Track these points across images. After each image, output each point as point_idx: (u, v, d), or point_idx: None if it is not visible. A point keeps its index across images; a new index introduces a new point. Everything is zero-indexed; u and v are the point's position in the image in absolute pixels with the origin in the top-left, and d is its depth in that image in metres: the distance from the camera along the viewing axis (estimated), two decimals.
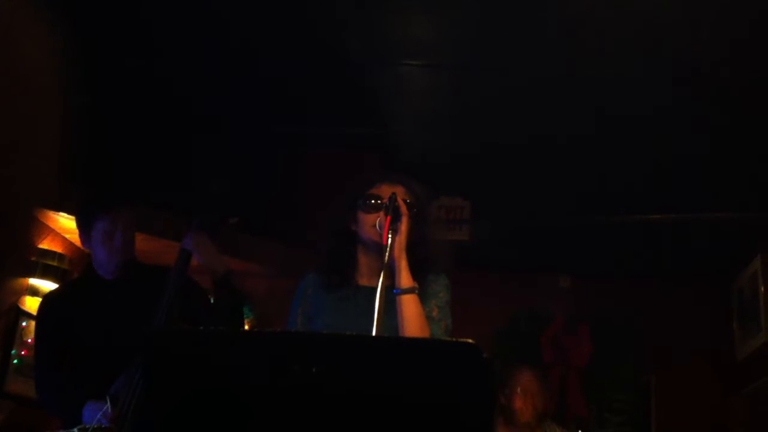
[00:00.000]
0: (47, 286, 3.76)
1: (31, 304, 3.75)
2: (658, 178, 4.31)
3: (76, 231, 2.62)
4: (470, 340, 1.30)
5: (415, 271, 1.92)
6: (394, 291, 1.88)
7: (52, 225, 3.91)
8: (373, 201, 1.98)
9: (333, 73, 3.74)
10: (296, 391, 1.29)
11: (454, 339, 1.46)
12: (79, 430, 2.14)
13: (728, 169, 4.11)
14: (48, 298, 2.65)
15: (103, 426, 2.14)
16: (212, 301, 2.52)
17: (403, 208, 1.91)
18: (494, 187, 4.57)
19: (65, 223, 3.82)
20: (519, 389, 3.33)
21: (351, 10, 3.26)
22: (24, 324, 3.72)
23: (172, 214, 3.69)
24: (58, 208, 3.63)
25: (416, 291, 1.90)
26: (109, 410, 2.13)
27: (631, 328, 5.23)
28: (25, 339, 3.68)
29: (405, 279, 1.89)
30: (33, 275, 3.80)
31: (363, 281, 2.01)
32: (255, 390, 1.32)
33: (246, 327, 4.17)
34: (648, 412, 5.30)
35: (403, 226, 1.89)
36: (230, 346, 1.40)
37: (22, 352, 3.68)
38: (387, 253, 1.84)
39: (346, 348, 1.37)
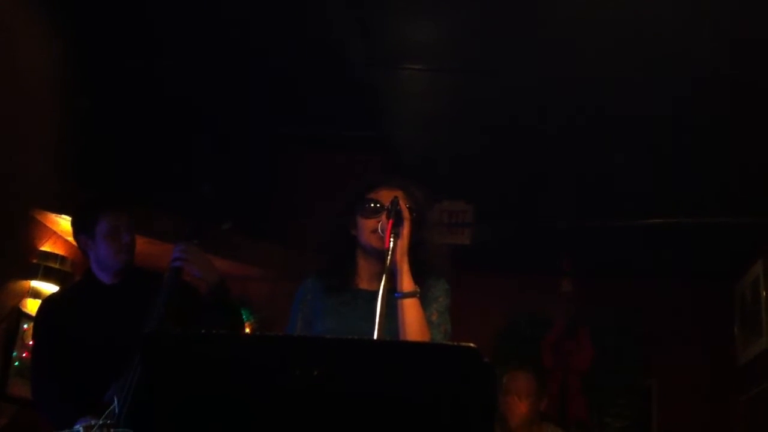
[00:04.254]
0: (49, 288, 3.76)
1: (33, 306, 3.75)
2: (660, 181, 4.31)
3: None
4: (471, 344, 1.30)
5: (416, 275, 1.92)
6: (396, 295, 1.88)
7: (53, 227, 3.92)
8: (372, 205, 1.98)
9: (334, 75, 3.74)
10: (297, 395, 1.29)
11: (455, 343, 1.46)
12: (83, 428, 2.13)
13: (730, 173, 4.10)
14: (46, 303, 2.64)
15: (108, 423, 2.13)
16: (206, 306, 2.49)
17: (405, 212, 1.92)
18: (495, 189, 4.57)
19: (67, 225, 3.82)
20: (513, 391, 3.27)
21: (351, 12, 3.27)
22: (26, 327, 3.72)
23: (174, 216, 3.70)
24: (60, 211, 3.63)
25: (417, 295, 1.90)
26: (116, 410, 2.13)
27: (632, 333, 5.23)
28: (26, 341, 3.68)
29: (407, 283, 1.89)
30: (35, 278, 3.80)
31: (363, 285, 2.01)
32: (256, 393, 1.33)
33: (247, 331, 4.17)
34: (649, 417, 5.30)
35: (405, 230, 1.90)
36: (231, 350, 1.40)
37: (24, 355, 3.69)
38: (389, 257, 1.84)
39: (347, 351, 1.38)
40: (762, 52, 3.20)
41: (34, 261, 3.81)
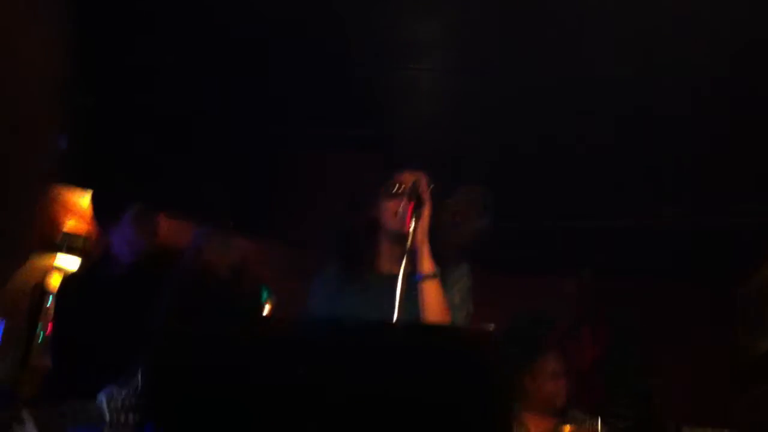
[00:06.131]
0: (72, 265, 3.85)
1: (57, 282, 3.83)
2: (664, 181, 4.28)
3: None
4: (490, 327, 1.31)
5: (437, 257, 1.93)
6: (416, 277, 1.90)
7: (77, 206, 3.99)
8: (395, 187, 2.00)
9: (336, 75, 3.74)
10: (305, 388, 1.30)
11: (472, 327, 1.47)
12: (106, 397, 2.16)
13: (736, 173, 4.07)
14: (63, 285, 2.71)
15: (131, 394, 2.17)
16: (223, 290, 2.52)
17: (426, 195, 1.93)
18: (497, 189, 4.55)
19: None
20: (549, 372, 3.30)
21: (354, 12, 3.27)
22: (50, 303, 3.82)
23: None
24: (84, 189, 3.69)
25: (438, 276, 1.92)
26: (139, 384, 2.16)
27: (635, 333, 5.21)
28: (50, 317, 3.77)
29: (427, 265, 1.91)
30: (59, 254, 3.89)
31: (385, 267, 2.03)
32: (263, 388, 1.33)
33: (268, 309, 4.21)
34: (651, 417, 5.29)
35: (426, 212, 1.91)
36: (238, 344, 1.41)
37: (48, 330, 3.78)
38: (409, 239, 1.86)
39: (360, 335, 1.39)
40: (763, 52, 3.16)
41: (58, 239, 3.90)
